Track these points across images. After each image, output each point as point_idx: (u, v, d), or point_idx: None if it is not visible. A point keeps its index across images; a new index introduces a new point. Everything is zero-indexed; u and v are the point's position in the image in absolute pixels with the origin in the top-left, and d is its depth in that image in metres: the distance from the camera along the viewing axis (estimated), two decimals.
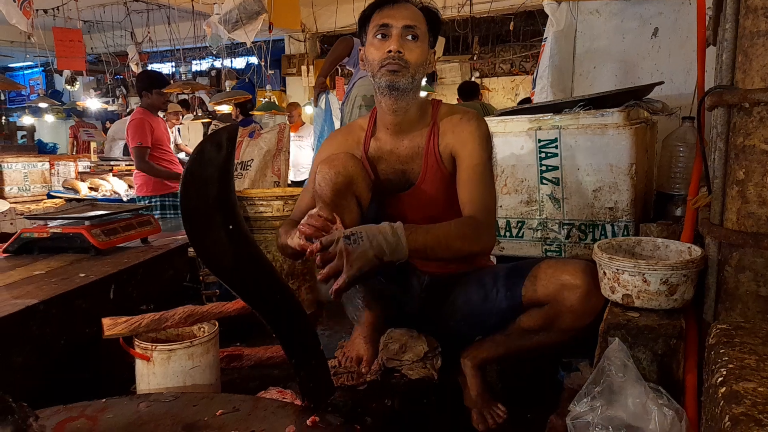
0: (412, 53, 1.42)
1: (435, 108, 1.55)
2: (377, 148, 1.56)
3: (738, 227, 1.07)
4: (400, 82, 1.42)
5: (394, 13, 1.42)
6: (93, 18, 7.62)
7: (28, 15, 4.16)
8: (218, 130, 0.99)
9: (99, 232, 1.89)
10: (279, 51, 8.45)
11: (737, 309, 1.10)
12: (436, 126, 1.52)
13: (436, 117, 1.53)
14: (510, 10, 6.18)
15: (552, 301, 1.35)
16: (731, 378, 0.66)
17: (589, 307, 1.32)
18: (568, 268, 1.35)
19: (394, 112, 1.49)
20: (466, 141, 1.47)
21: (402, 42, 1.41)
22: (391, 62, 1.41)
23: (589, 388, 0.93)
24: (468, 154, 1.46)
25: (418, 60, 1.43)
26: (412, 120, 1.52)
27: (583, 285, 1.31)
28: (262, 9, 4.45)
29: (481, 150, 1.46)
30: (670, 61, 2.45)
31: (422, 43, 1.44)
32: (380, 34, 1.43)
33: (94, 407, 1.15)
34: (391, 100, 1.47)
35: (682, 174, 1.95)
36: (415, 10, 1.46)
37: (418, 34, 1.43)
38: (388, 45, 1.41)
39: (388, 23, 1.42)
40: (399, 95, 1.45)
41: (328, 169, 1.45)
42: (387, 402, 1.42)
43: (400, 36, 1.41)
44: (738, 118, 1.06)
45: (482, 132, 1.48)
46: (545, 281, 1.36)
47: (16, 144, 5.91)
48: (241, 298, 1.15)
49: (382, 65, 1.42)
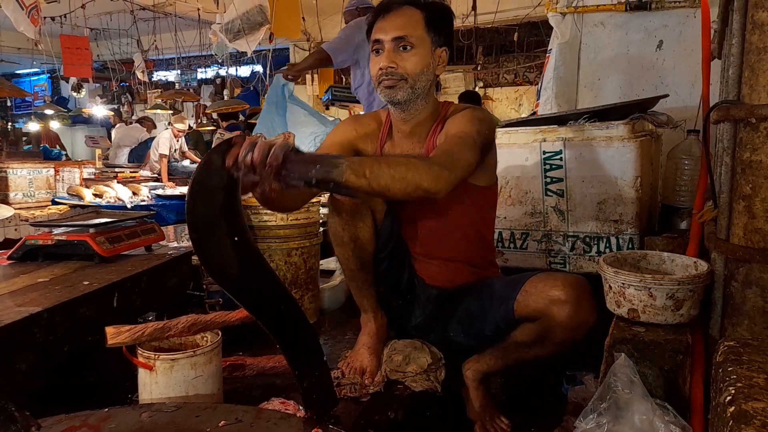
0: (407, 63, 1.39)
1: (445, 109, 1.53)
2: (391, 147, 1.55)
3: (745, 242, 1.06)
4: (398, 95, 1.41)
5: (385, 26, 1.40)
6: (100, 26, 7.68)
7: (36, 23, 4.20)
8: (226, 139, 0.99)
9: (103, 239, 1.89)
10: (284, 59, 8.49)
11: (744, 325, 1.09)
12: (442, 124, 1.49)
13: (445, 116, 1.51)
14: (514, 20, 6.21)
15: (542, 316, 1.34)
16: (740, 397, 0.66)
17: (578, 322, 1.30)
18: (557, 282, 1.34)
19: (404, 120, 1.49)
20: (455, 119, 1.44)
21: (394, 55, 1.39)
22: (385, 78, 1.40)
23: (595, 404, 0.93)
24: (454, 125, 1.41)
25: (416, 68, 1.40)
26: (424, 124, 1.50)
27: (572, 300, 1.29)
28: (265, 20, 4.49)
29: (469, 124, 1.39)
30: (675, 73, 2.45)
31: (419, 48, 1.40)
32: (375, 50, 1.42)
33: (97, 416, 1.15)
34: (397, 111, 1.47)
35: (687, 187, 1.94)
36: (409, 14, 1.41)
37: (412, 43, 1.39)
38: (381, 61, 1.40)
39: (379, 38, 1.40)
40: (404, 107, 1.45)
41: None
42: (390, 414, 1.41)
43: (392, 50, 1.39)
44: (744, 133, 1.06)
45: (476, 114, 1.44)
46: (535, 296, 1.36)
47: (21, 150, 5.93)
48: (245, 307, 1.14)
49: (379, 81, 1.42)
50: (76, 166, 5.51)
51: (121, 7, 6.61)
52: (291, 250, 2.08)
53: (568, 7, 2.58)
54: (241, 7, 4.47)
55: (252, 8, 4.49)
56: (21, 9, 4.13)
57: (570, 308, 1.29)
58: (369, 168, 1.05)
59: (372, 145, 1.56)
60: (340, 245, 1.52)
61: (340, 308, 2.32)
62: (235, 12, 4.49)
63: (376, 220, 1.52)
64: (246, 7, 4.48)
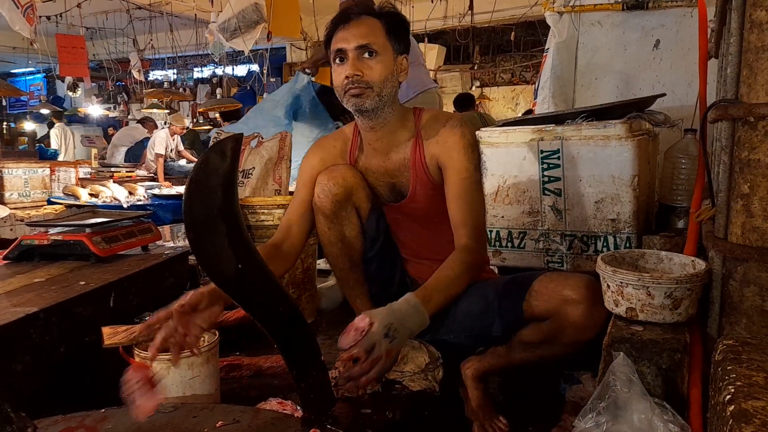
0: (373, 71, 1.40)
1: (417, 117, 1.53)
2: (363, 161, 1.56)
3: (743, 241, 1.07)
4: (365, 104, 1.41)
5: (347, 35, 1.40)
6: (95, 25, 7.65)
7: (32, 22, 4.18)
8: (223, 139, 0.98)
9: (100, 239, 1.88)
10: (281, 59, 8.48)
11: (742, 324, 1.09)
12: (420, 136, 1.50)
13: (419, 126, 1.51)
14: (511, 20, 6.22)
15: (554, 315, 1.34)
16: (740, 396, 0.66)
17: (591, 322, 1.31)
18: (570, 282, 1.34)
19: (372, 129, 1.49)
20: (452, 150, 1.45)
21: (359, 63, 1.39)
22: (351, 87, 1.40)
23: (594, 404, 0.93)
24: (454, 166, 1.44)
25: (381, 76, 1.40)
26: (394, 132, 1.51)
27: (586, 300, 1.30)
28: (261, 18, 4.48)
29: (467, 161, 1.44)
30: (672, 72, 2.45)
31: (383, 56, 1.41)
32: (338, 58, 1.42)
33: (94, 417, 1.14)
34: (365, 120, 1.47)
35: (684, 186, 1.94)
36: (370, 23, 1.42)
37: (376, 50, 1.40)
38: (345, 70, 1.40)
39: (341, 47, 1.41)
40: (371, 115, 1.44)
41: (326, 181, 1.46)
42: (388, 414, 1.40)
43: (355, 58, 1.39)
44: (743, 132, 1.06)
45: (467, 140, 1.46)
46: (547, 296, 1.35)
47: (16, 150, 5.90)
48: (243, 307, 1.14)
49: (345, 90, 1.42)
50: (71, 166, 5.49)
51: (117, 6, 6.60)
52: None
53: (566, 6, 2.58)
54: (236, 6, 4.46)
55: (247, 6, 4.48)
56: (16, 8, 4.11)
57: (584, 308, 1.29)
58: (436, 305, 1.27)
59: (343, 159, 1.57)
60: (328, 244, 1.53)
61: (337, 308, 2.32)
62: (230, 11, 4.48)
63: (362, 218, 1.52)
64: (241, 6, 4.47)
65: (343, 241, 1.51)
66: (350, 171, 1.49)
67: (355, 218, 1.51)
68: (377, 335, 1.10)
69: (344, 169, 1.48)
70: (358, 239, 1.53)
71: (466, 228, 1.41)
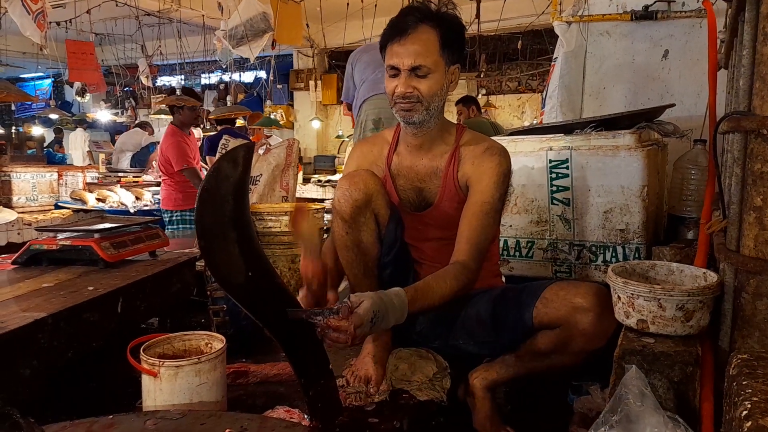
0: (422, 85, 1.43)
1: (459, 133, 1.57)
2: (398, 162, 1.60)
3: (755, 254, 1.06)
4: (414, 117, 1.46)
5: (402, 52, 1.41)
6: (105, 31, 7.71)
7: (42, 28, 4.21)
8: (235, 147, 0.99)
9: (108, 245, 1.88)
10: (287, 65, 8.52)
11: (754, 337, 1.08)
12: (458, 152, 1.53)
13: (459, 142, 1.55)
14: (518, 28, 6.22)
15: (564, 323, 1.34)
16: (757, 412, 0.65)
17: (601, 330, 1.31)
18: (580, 290, 1.35)
19: (414, 135, 1.54)
20: (483, 176, 1.48)
21: (411, 81, 1.42)
22: (401, 101, 1.44)
23: (606, 417, 0.92)
24: (480, 190, 1.47)
25: (431, 90, 1.44)
26: (434, 140, 1.55)
27: (595, 308, 1.31)
28: (269, 27, 4.51)
29: (494, 189, 1.47)
30: (681, 83, 2.45)
31: (435, 73, 1.43)
32: (390, 72, 1.46)
33: (101, 423, 1.14)
34: (410, 128, 1.52)
35: (694, 196, 1.93)
36: (426, 38, 1.41)
37: (428, 72, 1.42)
38: (397, 84, 1.44)
39: (395, 65, 1.43)
40: (417, 126, 1.49)
41: (348, 186, 1.47)
42: (395, 423, 1.39)
43: (408, 77, 1.42)
44: (756, 145, 1.05)
45: (502, 170, 1.49)
46: (557, 304, 1.35)
47: (25, 154, 5.93)
48: (252, 315, 1.14)
49: (395, 102, 1.46)
50: (79, 171, 5.52)
51: (126, 12, 6.64)
52: (295, 256, 2.08)
53: (574, 16, 2.58)
54: (245, 14, 4.49)
55: (256, 15, 4.51)
56: (27, 14, 4.14)
57: (594, 316, 1.30)
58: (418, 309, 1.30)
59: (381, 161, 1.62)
60: (344, 249, 1.53)
61: None
62: (238, 18, 4.51)
63: (380, 225, 1.53)
64: (250, 14, 4.50)
65: (359, 246, 1.51)
66: (372, 177, 1.51)
67: (373, 224, 1.52)
68: (366, 318, 1.15)
69: (365, 175, 1.49)
70: (374, 245, 1.53)
71: (470, 246, 1.43)
